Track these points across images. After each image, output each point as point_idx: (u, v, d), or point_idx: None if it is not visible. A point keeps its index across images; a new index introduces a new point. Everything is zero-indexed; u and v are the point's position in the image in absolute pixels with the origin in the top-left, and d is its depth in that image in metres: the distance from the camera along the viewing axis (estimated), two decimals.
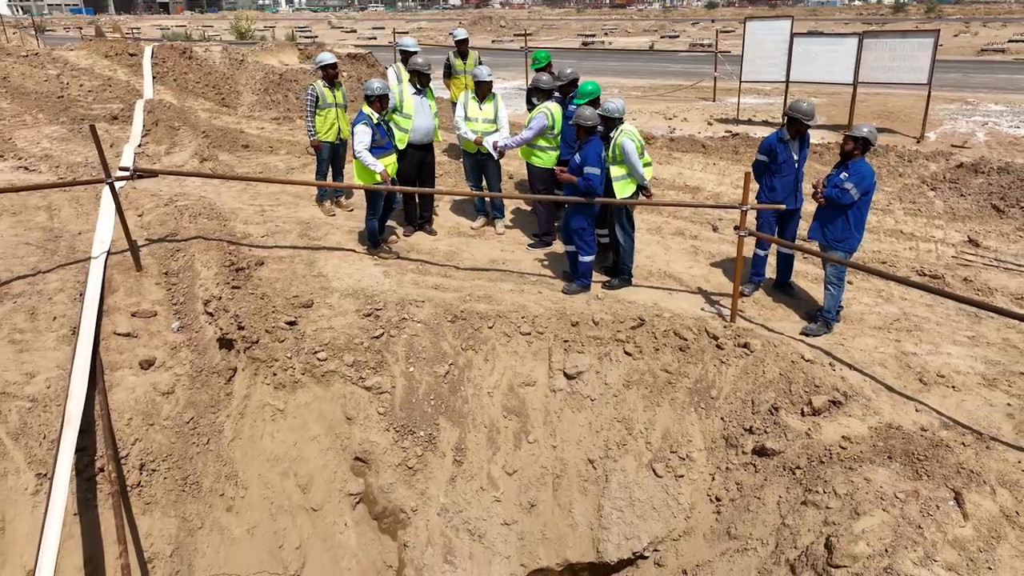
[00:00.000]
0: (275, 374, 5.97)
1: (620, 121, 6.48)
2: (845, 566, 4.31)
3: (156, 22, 78.63)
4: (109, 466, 5.45)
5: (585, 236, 6.66)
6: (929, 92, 13.21)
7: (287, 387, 5.92)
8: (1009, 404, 5.46)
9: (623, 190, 6.54)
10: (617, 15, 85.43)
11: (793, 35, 13.90)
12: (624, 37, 48.69)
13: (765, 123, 14.97)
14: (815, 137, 13.48)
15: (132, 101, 12.26)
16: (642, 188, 6.68)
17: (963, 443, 4.95)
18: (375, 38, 46.49)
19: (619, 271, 7.04)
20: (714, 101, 17.56)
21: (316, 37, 44.67)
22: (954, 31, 45.83)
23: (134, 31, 39.32)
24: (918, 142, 13.02)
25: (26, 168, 9.37)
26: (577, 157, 6.49)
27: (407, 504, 5.61)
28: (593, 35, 48.25)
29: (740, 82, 14.90)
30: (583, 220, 6.62)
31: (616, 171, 6.49)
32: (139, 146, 10.33)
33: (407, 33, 38.85)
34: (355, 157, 6.87)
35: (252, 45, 22.26)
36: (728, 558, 4.97)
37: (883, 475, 4.79)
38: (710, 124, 14.99)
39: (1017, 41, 37.30)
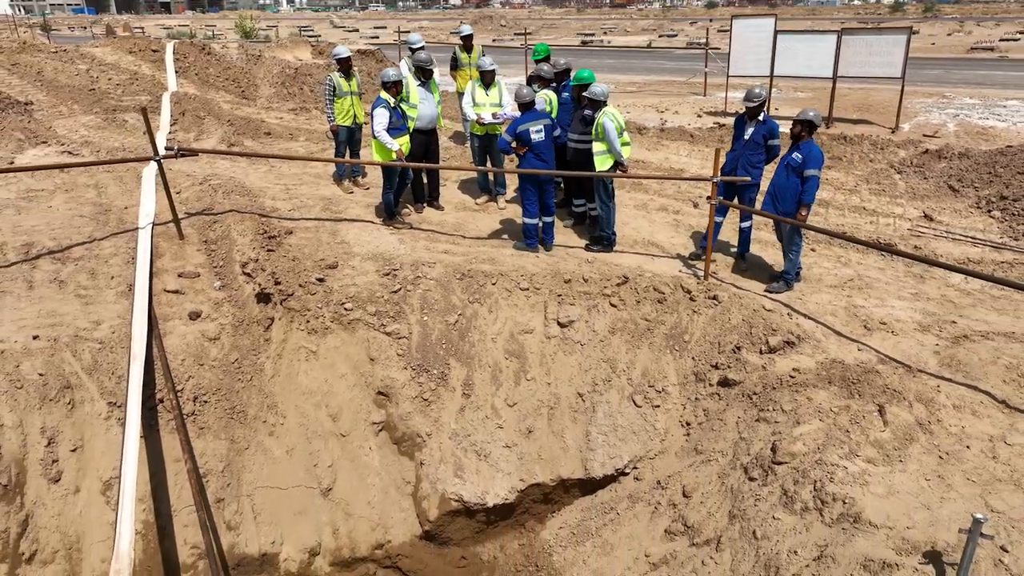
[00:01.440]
0: (308, 322, 6.96)
1: (604, 104, 7.46)
2: (785, 462, 5.29)
3: (158, 22, 79.66)
4: (169, 397, 6.46)
5: (528, 200, 7.66)
6: (903, 85, 14.19)
7: (318, 333, 6.91)
8: (937, 345, 6.44)
9: (602, 164, 7.52)
10: (617, 14, 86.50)
11: (776, 32, 14.88)
12: (623, 36, 49.72)
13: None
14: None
15: (158, 93, 13.25)
16: (619, 164, 7.65)
17: (893, 372, 5.94)
18: (377, 37, 47.55)
19: (600, 238, 8.02)
20: (704, 95, 18.54)
21: (319, 36, 45.64)
22: (948, 30, 46.86)
23: (139, 30, 40.33)
24: (893, 132, 14.01)
25: (70, 152, 10.34)
26: (509, 128, 7.60)
27: (423, 430, 6.59)
28: (592, 34, 49.27)
29: (728, 77, 15.87)
30: (525, 187, 7.63)
31: (597, 147, 7.48)
32: (169, 133, 11.31)
33: (409, 32, 39.87)
34: (374, 137, 7.85)
35: (267, 42, 23.26)
36: (695, 468, 5.95)
37: (822, 395, 5.77)
38: (699, 116, 15.97)
39: (1008, 40, 38.33)
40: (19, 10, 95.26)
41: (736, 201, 7.61)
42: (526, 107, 7.57)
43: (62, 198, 8.90)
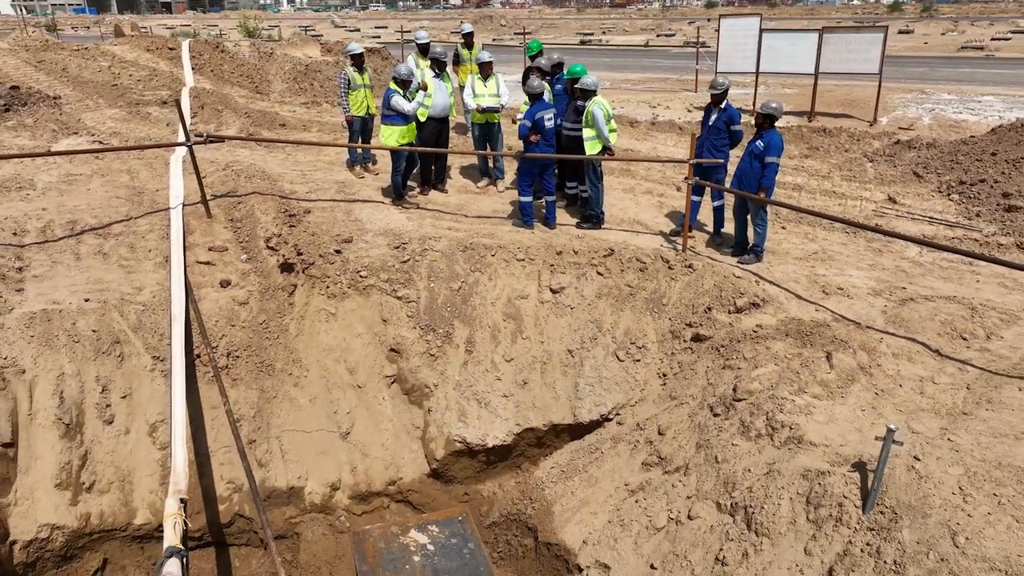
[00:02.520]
0: (327, 287, 7.85)
1: (594, 93, 8.35)
2: (744, 399, 6.18)
3: (160, 21, 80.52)
4: (205, 353, 7.35)
5: (522, 180, 8.54)
6: (880, 81, 15.08)
7: (337, 297, 7.80)
8: (885, 306, 7.33)
9: (591, 148, 8.41)
10: (616, 14, 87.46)
11: (762, 31, 15.77)
12: (622, 36, 50.62)
13: (739, 110, 16.80)
14: (781, 121, 15.37)
15: (177, 88, 14.15)
16: (607, 149, 8.54)
17: (843, 327, 6.82)
18: (379, 36, 48.43)
19: (590, 216, 8.90)
20: (696, 92, 19.43)
21: (321, 36, 46.56)
22: (942, 29, 47.73)
23: (145, 30, 41.23)
24: (871, 125, 14.90)
25: (100, 142, 11.23)
26: (526, 115, 8.43)
27: (430, 381, 7.48)
28: (591, 34, 50.17)
29: (716, 74, 16.74)
30: (529, 170, 8.49)
31: (587, 133, 8.37)
32: (190, 125, 12.20)
33: (417, 30, 40.77)
34: (391, 109, 8.70)
35: (278, 41, 24.17)
36: (669, 411, 6.83)
37: (779, 345, 6.65)
38: (689, 111, 16.85)
39: (998, 39, 39.22)
40: (21, 10, 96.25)
41: (709, 181, 8.50)
42: (536, 97, 8.43)
43: (99, 182, 9.79)
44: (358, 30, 59.37)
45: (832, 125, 14.62)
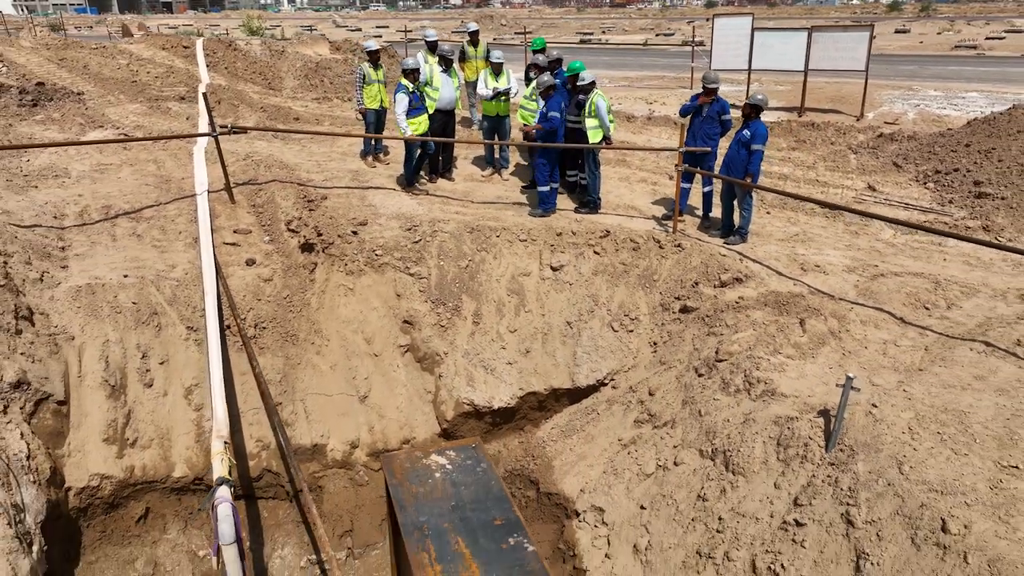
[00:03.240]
0: (346, 265, 8.57)
1: (593, 86, 9.06)
2: (725, 359, 6.89)
3: (162, 21, 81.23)
4: (235, 324, 8.07)
5: (543, 171, 9.22)
6: (866, 78, 15.80)
7: (355, 273, 8.52)
8: (858, 281, 8.04)
9: (594, 137, 9.12)
10: (616, 14, 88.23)
11: (753, 30, 16.49)
12: (621, 35, 51.35)
13: (733, 106, 17.52)
14: (772, 116, 16.12)
15: (194, 85, 14.86)
16: (606, 138, 9.25)
17: (817, 298, 7.53)
18: (380, 36, 49.16)
19: (588, 202, 9.61)
20: (691, 89, 20.14)
21: (323, 35, 47.25)
22: (939, 29, 48.46)
23: (152, 30, 41.96)
24: (857, 120, 15.62)
25: (126, 135, 11.95)
26: (544, 107, 9.09)
27: (440, 350, 8.19)
28: (591, 33, 50.91)
29: (715, 74, 17.45)
30: (542, 159, 9.20)
31: (590, 123, 9.08)
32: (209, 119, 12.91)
33: (412, 30, 41.49)
34: (408, 117, 9.45)
35: (289, 39, 24.88)
36: (658, 375, 7.54)
37: (758, 314, 7.37)
38: None
39: (992, 38, 39.95)
40: (22, 10, 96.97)
41: (699, 168, 9.21)
42: (551, 89, 9.14)
43: (128, 170, 10.51)
44: (359, 29, 60.11)
45: (820, 120, 15.34)
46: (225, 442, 5.92)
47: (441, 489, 4.40)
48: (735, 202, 8.87)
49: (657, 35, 48.62)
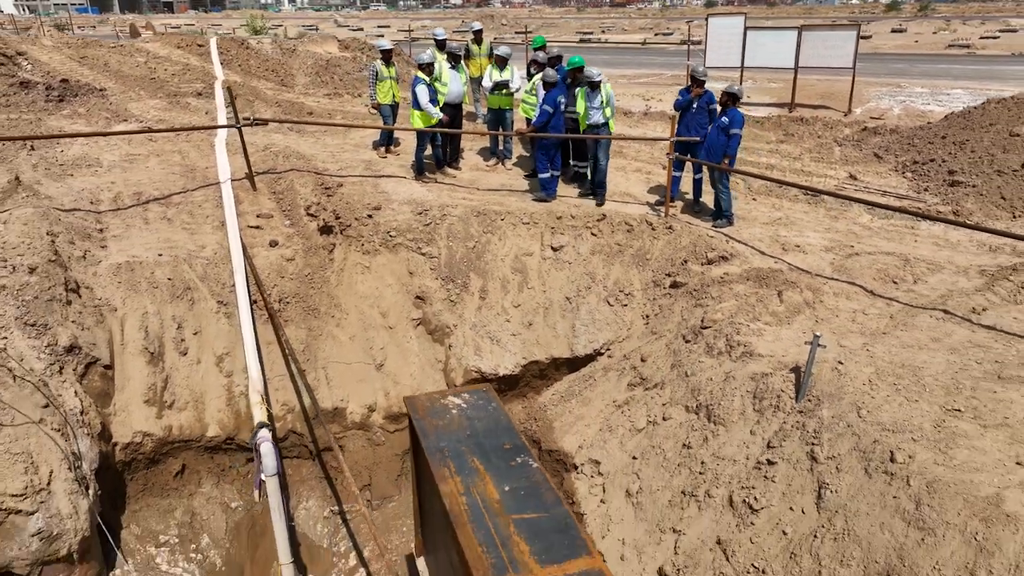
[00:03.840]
0: (362, 245, 9.32)
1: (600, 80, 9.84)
2: (709, 326, 7.65)
3: (164, 21, 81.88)
4: (261, 299, 8.81)
5: (543, 159, 9.98)
6: (854, 75, 16.56)
7: (370, 253, 9.27)
8: (834, 259, 8.79)
9: (613, 127, 9.88)
10: (616, 13, 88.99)
11: (746, 29, 17.25)
12: (620, 35, 52.13)
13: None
14: (762, 112, 16.89)
15: (210, 81, 15.62)
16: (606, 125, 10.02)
17: (795, 274, 8.28)
18: (382, 35, 49.92)
19: (597, 191, 10.33)
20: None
21: (332, 35, 47.97)
22: (935, 28, 49.23)
23: (154, 29, 42.68)
24: (845, 115, 16.37)
25: (149, 128, 12.69)
26: (542, 102, 9.86)
27: (450, 323, 8.94)
28: (590, 32, 51.68)
29: (704, 68, 18.20)
30: (542, 148, 9.95)
31: (608, 112, 9.83)
32: (228, 113, 13.65)
33: (411, 30, 42.29)
34: (421, 109, 10.19)
35: (300, 38, 25.66)
36: (650, 343, 8.29)
37: (741, 287, 8.12)
38: None
39: (987, 37, 40.71)
40: (23, 10, 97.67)
41: (690, 157, 9.97)
42: (551, 86, 9.90)
43: (155, 161, 11.25)
44: (361, 29, 60.84)
45: (809, 115, 16.11)
46: (261, 395, 6.67)
47: (458, 422, 5.13)
48: (722, 185, 9.62)
49: (656, 35, 49.36)
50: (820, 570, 5.31)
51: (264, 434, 5.95)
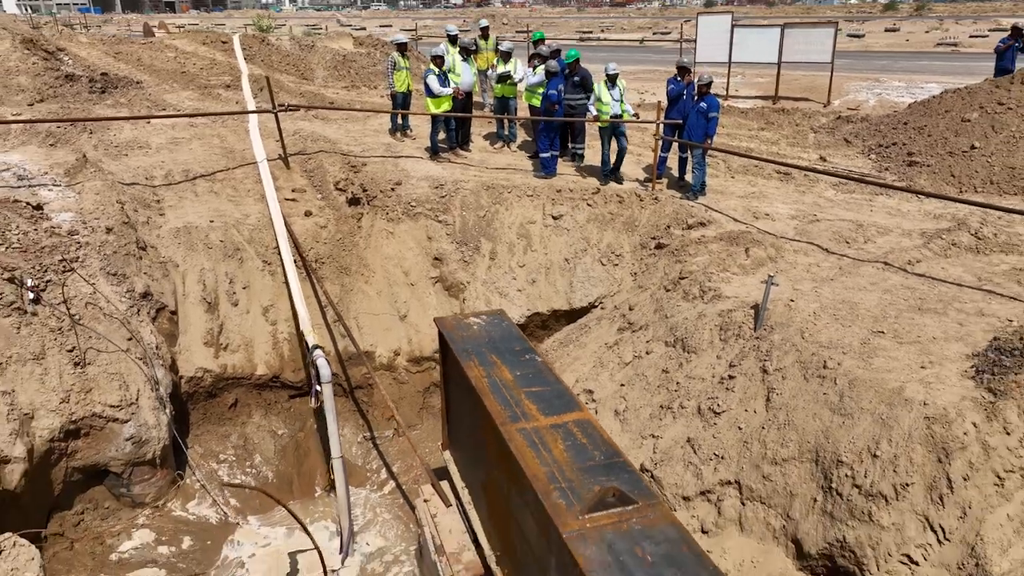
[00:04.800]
0: (387, 214, 10.75)
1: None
2: (686, 277, 9.08)
3: (168, 20, 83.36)
4: (299, 258, 10.23)
5: (544, 141, 11.41)
6: (832, 69, 18.02)
7: (394, 220, 10.71)
8: (797, 225, 10.22)
9: (626, 115, 11.31)
10: (616, 13, 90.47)
11: (733, 26, 18.71)
12: (619, 33, 53.63)
13: (716, 95, 19.74)
14: (748, 103, 18.33)
15: (236, 75, 17.05)
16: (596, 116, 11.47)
17: (761, 235, 9.71)
18: (385, 34, 51.40)
19: (617, 174, 11.72)
20: None
21: (348, 32, 49.43)
22: (927, 28, 50.73)
23: (167, 28, 44.14)
24: (825, 106, 17.82)
25: (194, 113, 14.11)
26: (549, 88, 11.31)
27: (464, 280, 10.38)
28: (590, 31, 53.17)
29: (695, 63, 19.67)
30: (543, 131, 11.38)
31: (624, 105, 11.23)
32: (256, 103, 15.09)
33: (415, 29, 43.78)
34: (434, 95, 11.65)
35: (317, 35, 27.14)
36: (637, 295, 9.72)
37: (714, 246, 9.55)
38: None
39: (976, 36, 42.20)
40: (25, 9, 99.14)
41: (676, 136, 11.38)
42: (553, 75, 11.35)
43: (198, 143, 12.68)
44: (363, 28, 62.33)
45: (791, 107, 17.56)
46: (312, 325, 8.11)
47: (478, 333, 6.52)
48: (694, 160, 11.07)
49: (654, 34, 50.85)
50: (766, 452, 6.75)
51: (319, 352, 7.39)
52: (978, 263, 8.78)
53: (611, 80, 11.26)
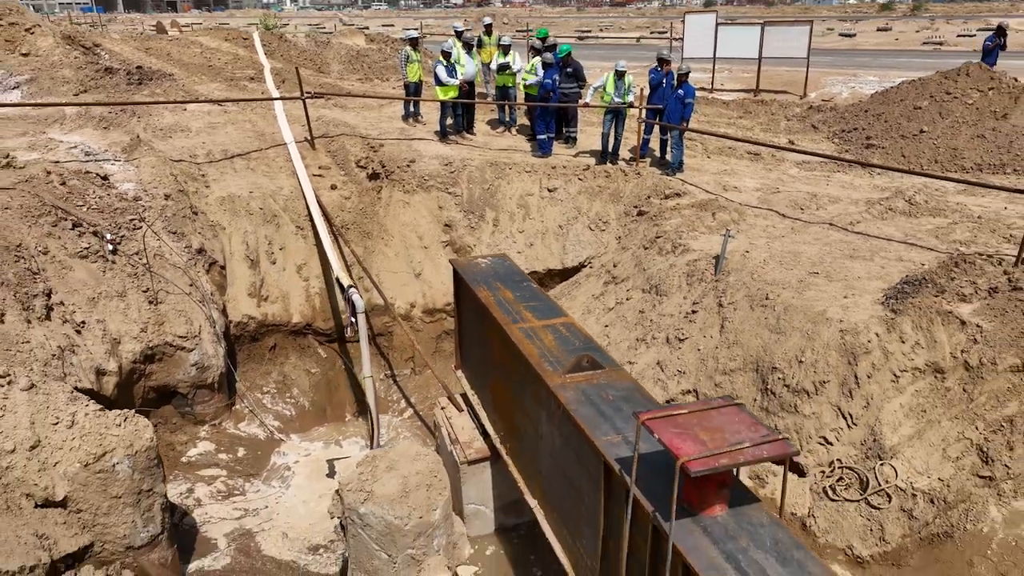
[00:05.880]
0: (403, 187, 12.43)
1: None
2: (661, 236, 10.74)
3: (174, 20, 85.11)
4: (327, 224, 11.89)
5: (541, 124, 13.08)
6: (808, 64, 19.69)
7: (410, 192, 12.38)
8: (760, 196, 11.89)
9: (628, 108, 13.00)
10: (615, 13, 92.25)
11: (717, 24, 20.39)
12: (617, 33, 55.36)
13: (702, 88, 21.43)
14: (731, 96, 19.99)
15: (258, 69, 18.72)
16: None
17: (727, 203, 11.38)
18: (386, 33, 53.10)
19: (616, 155, 13.39)
20: None
21: (360, 29, 51.13)
22: (918, 27, 52.44)
23: (179, 27, 45.84)
24: (801, 98, 19.49)
25: (218, 104, 15.78)
26: (543, 78, 12.98)
27: (470, 243, 12.04)
28: (589, 31, 54.91)
29: (682, 59, 21.35)
30: (540, 116, 13.05)
31: (628, 97, 12.87)
32: (280, 93, 16.74)
33: (414, 26, 45.53)
34: (442, 84, 13.33)
35: (332, 32, 28.83)
36: (620, 254, 11.39)
37: (687, 211, 11.22)
38: None
39: (963, 36, 43.90)
40: (29, 8, 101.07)
41: (657, 120, 13.05)
42: (550, 66, 13.03)
43: (232, 127, 14.34)
44: (367, 28, 64.08)
45: (770, 99, 19.24)
46: (345, 271, 9.79)
47: (485, 270, 8.16)
48: (672, 140, 12.75)
49: (651, 33, 52.54)
50: (718, 366, 8.42)
51: (352, 289, 9.06)
52: (908, 224, 10.45)
53: (619, 76, 12.91)
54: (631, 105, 13.11)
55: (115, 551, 6.44)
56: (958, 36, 43.77)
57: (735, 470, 4.37)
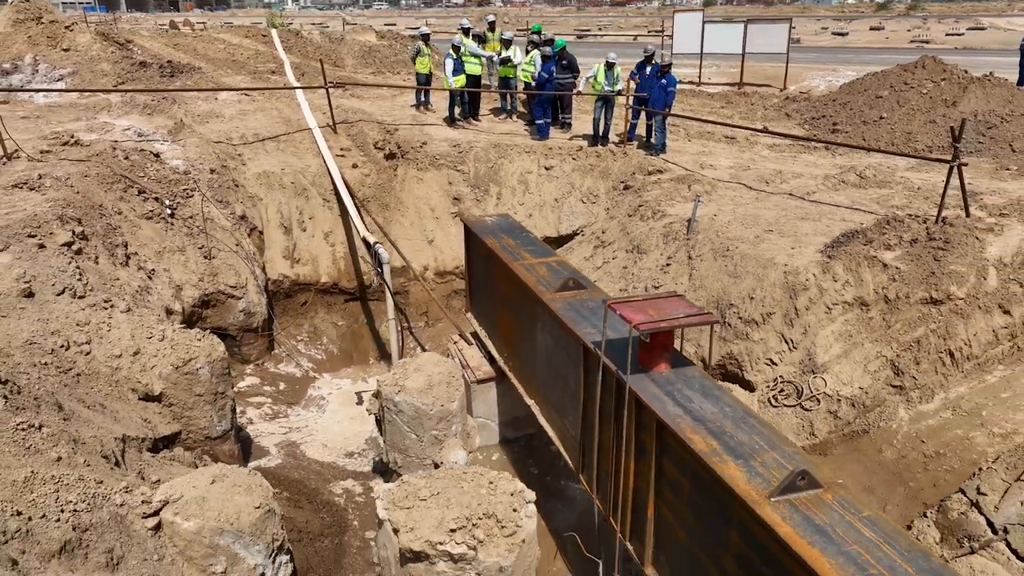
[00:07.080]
0: (417, 165, 14.18)
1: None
2: (643, 205, 12.49)
3: (177, 19, 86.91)
4: (354, 198, 13.65)
5: (539, 110, 14.83)
6: (787, 59, 21.45)
7: (423, 170, 14.14)
8: (733, 172, 13.63)
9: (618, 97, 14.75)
10: (614, 12, 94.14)
11: (704, 22, 22.15)
12: (616, 31, 57.17)
13: (691, 82, 23.20)
14: (716, 88, 21.74)
15: (279, 63, 20.50)
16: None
17: (702, 178, 13.12)
18: (387, 32, 54.86)
19: (605, 139, 15.13)
20: None
21: (371, 27, 52.88)
22: (909, 27, 54.27)
23: (192, 25, 47.62)
24: (780, 91, 21.24)
25: (246, 94, 17.53)
26: (540, 70, 14.74)
27: (477, 214, 13.78)
28: (588, 30, 56.72)
29: (672, 55, 23.11)
30: (538, 103, 14.80)
31: (617, 86, 14.62)
32: (300, 85, 18.48)
33: (416, 28, 47.39)
34: (456, 73, 15.11)
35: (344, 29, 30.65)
36: (608, 223, 13.12)
37: (667, 184, 12.96)
38: None
39: (952, 35, 45.71)
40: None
41: (643, 106, 14.80)
42: (547, 59, 14.79)
43: (261, 115, 16.10)
44: (370, 27, 65.86)
45: (752, 91, 20.99)
46: (369, 230, 11.53)
47: (491, 225, 9.89)
48: (654, 124, 14.50)
49: (649, 32, 54.36)
50: None
51: (378, 245, 10.81)
52: (857, 194, 12.19)
53: (609, 67, 14.64)
54: (619, 93, 14.85)
55: (197, 440, 8.16)
56: (947, 35, 45.62)
57: (676, 339, 6.09)
